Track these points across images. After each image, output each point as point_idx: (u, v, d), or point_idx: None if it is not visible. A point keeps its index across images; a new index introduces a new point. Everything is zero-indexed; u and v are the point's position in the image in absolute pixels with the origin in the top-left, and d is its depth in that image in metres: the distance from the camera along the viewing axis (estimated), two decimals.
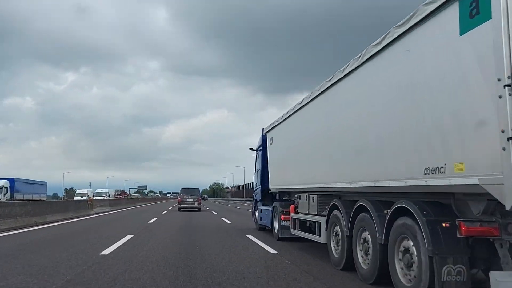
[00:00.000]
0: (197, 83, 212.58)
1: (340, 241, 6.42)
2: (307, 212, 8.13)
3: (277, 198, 11.11)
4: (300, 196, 8.78)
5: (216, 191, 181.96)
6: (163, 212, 25.85)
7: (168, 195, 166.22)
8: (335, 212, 6.63)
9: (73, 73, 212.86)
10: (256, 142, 13.58)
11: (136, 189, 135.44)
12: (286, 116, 9.74)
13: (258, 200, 12.96)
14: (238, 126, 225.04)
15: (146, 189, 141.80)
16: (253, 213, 14.11)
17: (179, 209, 28.18)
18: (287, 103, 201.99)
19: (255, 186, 14.10)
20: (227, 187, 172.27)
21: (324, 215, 7.13)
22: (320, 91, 7.35)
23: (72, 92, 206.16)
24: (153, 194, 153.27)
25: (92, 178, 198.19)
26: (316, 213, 7.62)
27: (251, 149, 14.02)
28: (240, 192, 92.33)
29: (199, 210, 28.35)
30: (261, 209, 12.37)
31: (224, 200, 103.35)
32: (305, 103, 8.21)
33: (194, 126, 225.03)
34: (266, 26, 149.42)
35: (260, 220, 12.41)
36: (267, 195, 12.00)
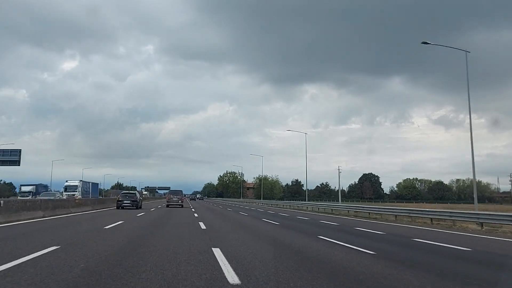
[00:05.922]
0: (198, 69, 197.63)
1: None
2: None
3: None
4: None
5: (230, 186, 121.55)
6: None
7: (157, 193, 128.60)
8: None
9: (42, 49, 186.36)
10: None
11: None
12: None
13: None
14: (241, 121, 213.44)
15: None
16: None
17: (167, 206, 37.08)
18: (295, 95, 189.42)
19: None
20: (245, 181, 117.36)
21: None
22: None
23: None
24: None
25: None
26: None
27: None
28: None
29: (182, 206, 37.09)
30: None
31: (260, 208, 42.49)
32: None
33: (193, 121, 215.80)
34: None
35: None
36: None
